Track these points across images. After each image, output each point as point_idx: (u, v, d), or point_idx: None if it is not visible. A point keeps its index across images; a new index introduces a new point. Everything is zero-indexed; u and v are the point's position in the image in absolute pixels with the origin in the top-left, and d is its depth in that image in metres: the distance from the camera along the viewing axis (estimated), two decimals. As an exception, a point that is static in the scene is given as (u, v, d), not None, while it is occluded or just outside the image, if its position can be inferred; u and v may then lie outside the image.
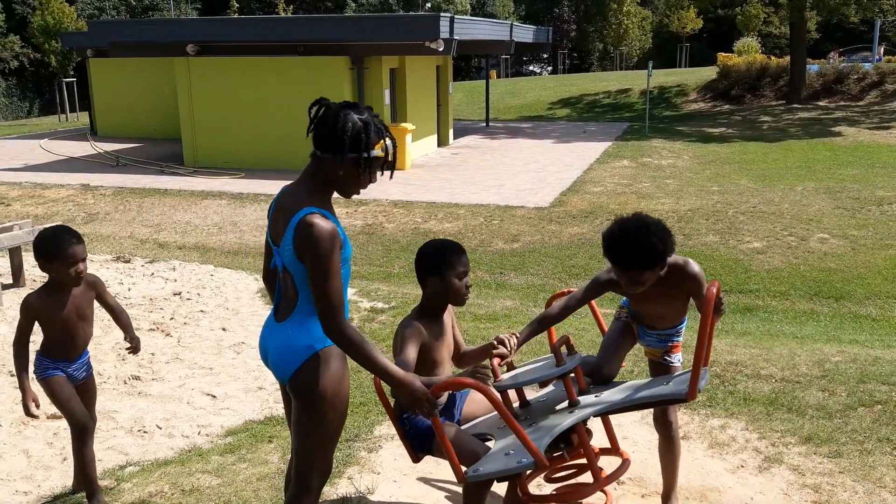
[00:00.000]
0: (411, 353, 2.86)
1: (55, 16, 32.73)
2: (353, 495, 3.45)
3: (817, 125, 23.78)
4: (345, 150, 2.63)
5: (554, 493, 3.04)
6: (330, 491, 3.51)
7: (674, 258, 2.95)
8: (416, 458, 3.02)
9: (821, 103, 27.83)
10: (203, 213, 13.71)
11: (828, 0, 27.84)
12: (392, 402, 3.02)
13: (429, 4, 50.66)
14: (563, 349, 2.93)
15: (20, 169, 18.05)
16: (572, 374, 2.94)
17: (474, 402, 3.12)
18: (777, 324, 7.80)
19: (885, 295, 9.23)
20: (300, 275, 2.60)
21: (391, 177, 2.77)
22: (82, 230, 12.66)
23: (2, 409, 5.06)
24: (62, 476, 4.13)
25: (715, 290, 2.70)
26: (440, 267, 2.92)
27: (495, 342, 2.98)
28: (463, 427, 3.02)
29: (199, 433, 4.62)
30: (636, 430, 3.86)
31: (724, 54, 33.22)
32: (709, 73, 32.72)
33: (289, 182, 2.84)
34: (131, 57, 21.07)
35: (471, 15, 50.59)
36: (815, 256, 10.66)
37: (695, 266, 2.99)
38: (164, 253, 11.05)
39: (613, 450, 3.13)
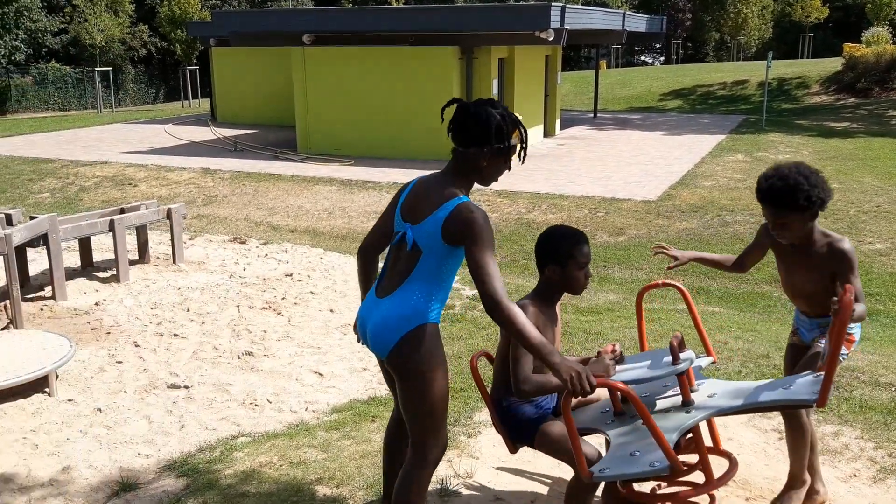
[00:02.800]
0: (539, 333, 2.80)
1: (181, 6, 34.31)
2: (452, 478, 3.51)
3: (953, 121, 22.27)
4: (489, 142, 2.80)
5: (660, 492, 2.99)
6: (430, 472, 3.59)
7: (828, 231, 2.90)
8: (513, 449, 3.00)
9: (958, 97, 26.04)
10: (314, 198, 14.13)
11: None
12: (489, 388, 3.05)
13: (540, -7, 50.15)
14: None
15: (146, 152, 19.09)
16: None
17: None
18: (899, 330, 7.39)
19: None
20: (432, 255, 2.77)
21: (523, 161, 2.90)
22: (202, 212, 13.30)
23: (127, 377, 5.40)
24: (180, 442, 4.38)
25: (851, 297, 2.57)
26: (563, 255, 2.88)
27: (602, 353, 2.94)
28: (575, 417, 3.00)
29: (306, 409, 4.81)
30: (742, 432, 3.76)
31: (851, 45, 31.50)
32: (833, 64, 31.10)
33: (422, 171, 2.97)
34: (251, 46, 21.87)
35: (582, 3, 49.82)
36: (945, 260, 10.02)
37: (847, 244, 2.87)
38: (276, 235, 11.47)
39: (717, 450, 3.06)
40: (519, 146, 2.89)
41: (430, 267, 2.76)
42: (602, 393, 3.12)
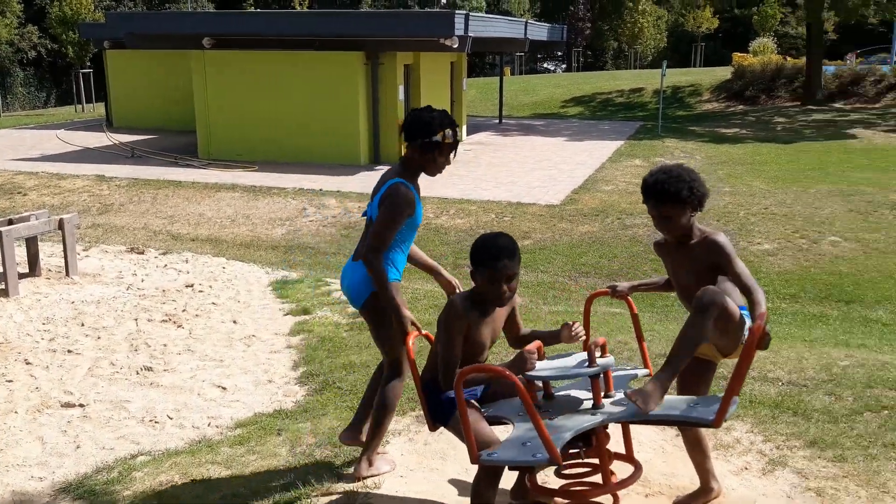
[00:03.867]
0: (457, 346, 2.95)
1: (73, 6, 32.89)
2: (359, 490, 3.49)
3: (832, 127, 23.65)
4: (418, 137, 3.47)
5: (562, 489, 3.08)
6: (336, 485, 3.56)
7: (705, 227, 3.09)
8: (432, 427, 3.11)
9: (836, 105, 27.67)
10: (216, 205, 13.79)
11: (846, 1, 27.67)
12: (420, 370, 3.13)
13: (444, 0, 50.61)
14: (598, 351, 2.97)
15: (37, 159, 18.21)
16: (602, 377, 2.99)
17: (502, 383, 3.16)
18: (786, 326, 7.80)
19: (896, 300, 9.20)
20: None
21: (454, 157, 3.58)
22: (97, 221, 12.79)
23: (17, 396, 5.14)
24: (76, 463, 4.20)
25: (762, 324, 2.70)
26: (485, 264, 2.93)
27: (566, 328, 3.07)
28: (487, 405, 3.09)
29: (209, 424, 4.68)
30: (642, 430, 3.88)
31: (739, 54, 33.06)
32: (723, 73, 32.57)
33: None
34: (148, 49, 21.18)
35: (486, 12, 50.51)
36: (826, 259, 10.64)
37: (721, 236, 3.02)
38: (177, 244, 11.14)
39: (628, 457, 3.15)
40: (448, 142, 3.45)
41: None
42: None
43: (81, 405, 4.99)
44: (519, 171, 16.76)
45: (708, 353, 3.17)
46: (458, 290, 3.67)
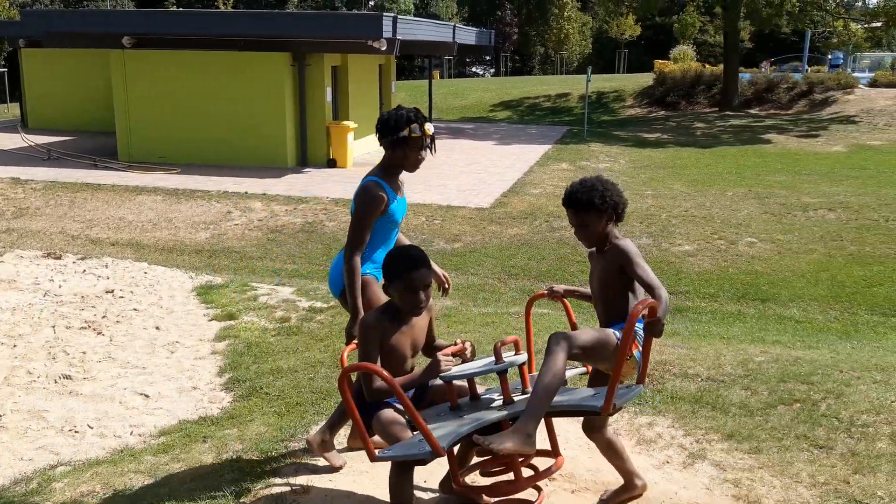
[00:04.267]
0: (374, 355, 3.06)
1: (-17, 3, 31.60)
2: (287, 493, 3.46)
3: (748, 132, 24.55)
4: (385, 135, 3.61)
5: (484, 485, 3.13)
6: (265, 490, 3.52)
7: (618, 236, 3.22)
8: (370, 433, 3.14)
9: (752, 111, 28.72)
10: (137, 208, 13.43)
11: (760, 10, 28.76)
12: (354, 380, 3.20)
13: (372, 3, 50.50)
14: (510, 350, 3.04)
15: (-56, 160, 17.40)
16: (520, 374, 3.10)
17: (435, 391, 3.30)
18: (705, 325, 8.05)
19: (808, 297, 9.62)
20: None
21: (433, 152, 3.73)
22: (11, 225, 12.30)
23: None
24: (-12, 477, 4.04)
25: (642, 308, 2.80)
26: (401, 276, 3.05)
27: (459, 342, 3.23)
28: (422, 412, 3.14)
29: (131, 433, 4.57)
30: (567, 427, 3.95)
31: (660, 61, 33.97)
32: (646, 79, 33.43)
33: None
34: (66, 48, 20.47)
35: (414, 15, 50.61)
36: (743, 260, 11.04)
37: (625, 241, 3.17)
38: (96, 249, 10.80)
39: (553, 451, 3.21)
40: (415, 136, 3.57)
41: None
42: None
43: (-4, 416, 4.80)
44: (449, 173, 16.85)
45: (608, 370, 3.27)
46: (447, 284, 3.89)
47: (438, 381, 3.17)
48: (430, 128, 3.66)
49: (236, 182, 15.22)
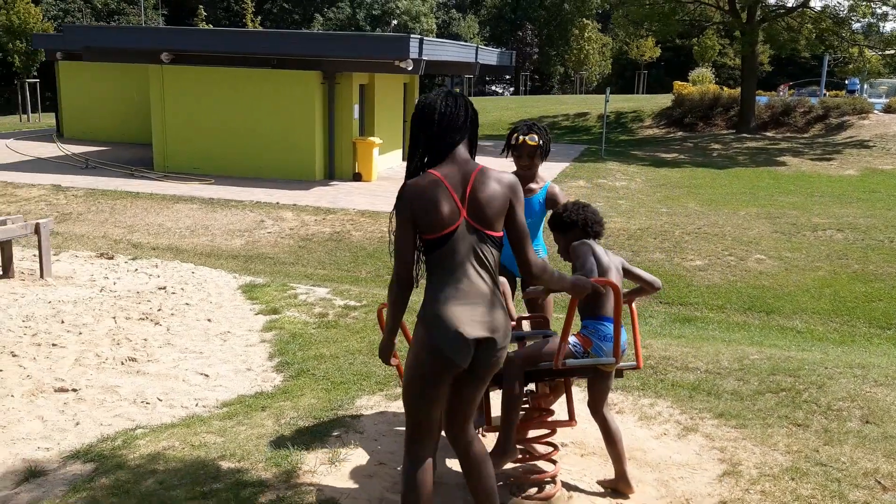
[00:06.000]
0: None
1: (20, 16, 32.69)
2: (339, 448, 4.08)
3: (763, 154, 25.04)
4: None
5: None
6: (320, 446, 4.13)
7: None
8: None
9: (768, 134, 29.19)
10: (175, 216, 14.16)
11: (778, 35, 29.33)
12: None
13: (395, 22, 51.48)
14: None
15: (-11, 167, 18.26)
16: None
17: None
18: (711, 332, 8.62)
19: (811, 311, 10.15)
20: None
21: (537, 160, 4.31)
22: (57, 229, 13.05)
23: (10, 382, 5.57)
24: (78, 436, 4.68)
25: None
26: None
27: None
28: None
29: (196, 405, 5.20)
30: (579, 400, 4.55)
31: (679, 83, 34.55)
32: (664, 100, 34.00)
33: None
34: (105, 62, 21.38)
35: (436, 34, 51.55)
36: (752, 275, 11.58)
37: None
38: (138, 253, 11.51)
39: (570, 416, 3.80)
40: (515, 143, 4.21)
41: None
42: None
43: (74, 390, 5.45)
44: (469, 189, 17.44)
45: None
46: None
47: None
48: (527, 139, 4.21)
49: (267, 193, 15.94)
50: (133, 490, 3.74)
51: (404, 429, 3.07)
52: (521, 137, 4.22)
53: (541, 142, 4.29)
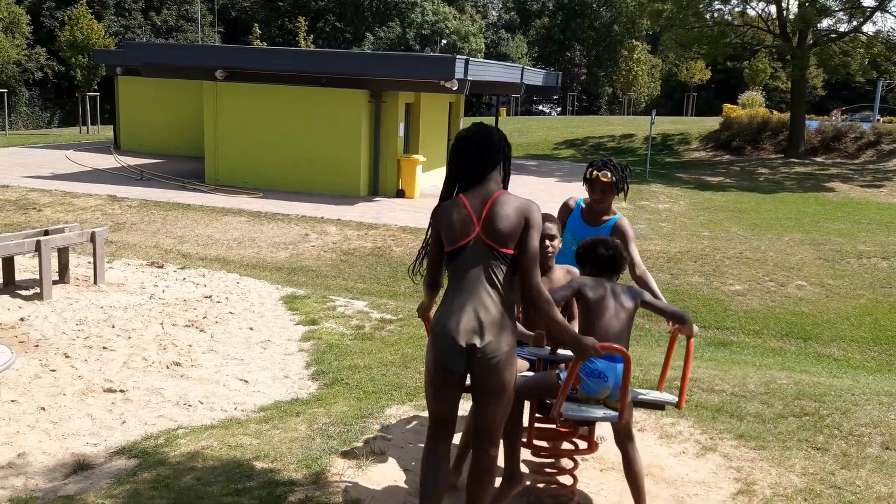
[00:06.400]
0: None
1: (84, 32, 33.97)
2: (368, 455, 4.28)
3: (812, 180, 24.75)
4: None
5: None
6: (349, 451, 4.34)
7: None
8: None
9: (818, 159, 28.81)
10: (224, 228, 14.60)
11: (830, 60, 29.02)
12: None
13: (444, 42, 52.07)
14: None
15: (48, 177, 19.01)
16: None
17: None
18: (745, 356, 8.62)
19: (850, 339, 10.07)
20: None
21: (614, 195, 4.68)
22: (110, 238, 13.56)
23: (63, 382, 5.90)
24: (124, 434, 4.97)
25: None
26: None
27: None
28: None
29: (235, 409, 5.46)
30: (605, 427, 4.69)
31: (728, 106, 34.32)
32: (712, 123, 33.79)
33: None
34: (162, 78, 22.16)
35: (484, 54, 51.99)
36: (791, 301, 11.51)
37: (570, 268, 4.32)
38: (187, 263, 11.91)
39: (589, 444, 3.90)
40: (589, 178, 4.54)
41: None
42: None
43: (122, 391, 5.76)
44: (511, 208, 17.60)
45: None
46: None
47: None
48: (600, 175, 4.50)
49: (313, 207, 16.33)
50: (173, 485, 3.99)
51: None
52: (594, 173, 4.51)
53: (613, 178, 4.53)
